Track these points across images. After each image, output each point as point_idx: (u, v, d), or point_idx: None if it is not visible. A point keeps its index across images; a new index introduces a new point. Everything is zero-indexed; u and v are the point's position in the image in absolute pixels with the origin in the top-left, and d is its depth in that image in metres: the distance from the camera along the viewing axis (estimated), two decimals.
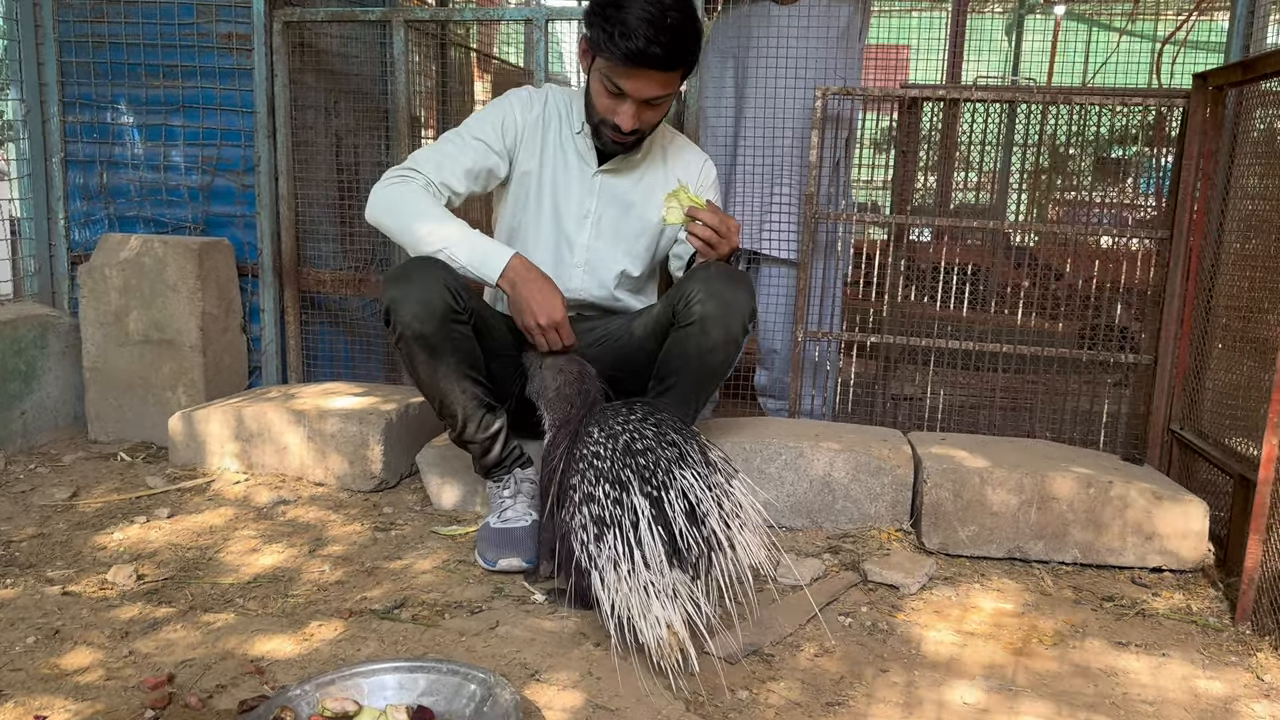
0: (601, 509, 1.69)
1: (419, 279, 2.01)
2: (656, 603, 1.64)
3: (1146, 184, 2.72)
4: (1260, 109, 2.35)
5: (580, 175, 2.33)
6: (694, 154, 2.42)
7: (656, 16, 1.98)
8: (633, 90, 2.07)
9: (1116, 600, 2.10)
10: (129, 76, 3.07)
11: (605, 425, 1.79)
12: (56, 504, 2.43)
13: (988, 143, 2.73)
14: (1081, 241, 2.74)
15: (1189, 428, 2.56)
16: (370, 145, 3.57)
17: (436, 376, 2.09)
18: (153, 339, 2.93)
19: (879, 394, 3.03)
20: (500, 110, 2.32)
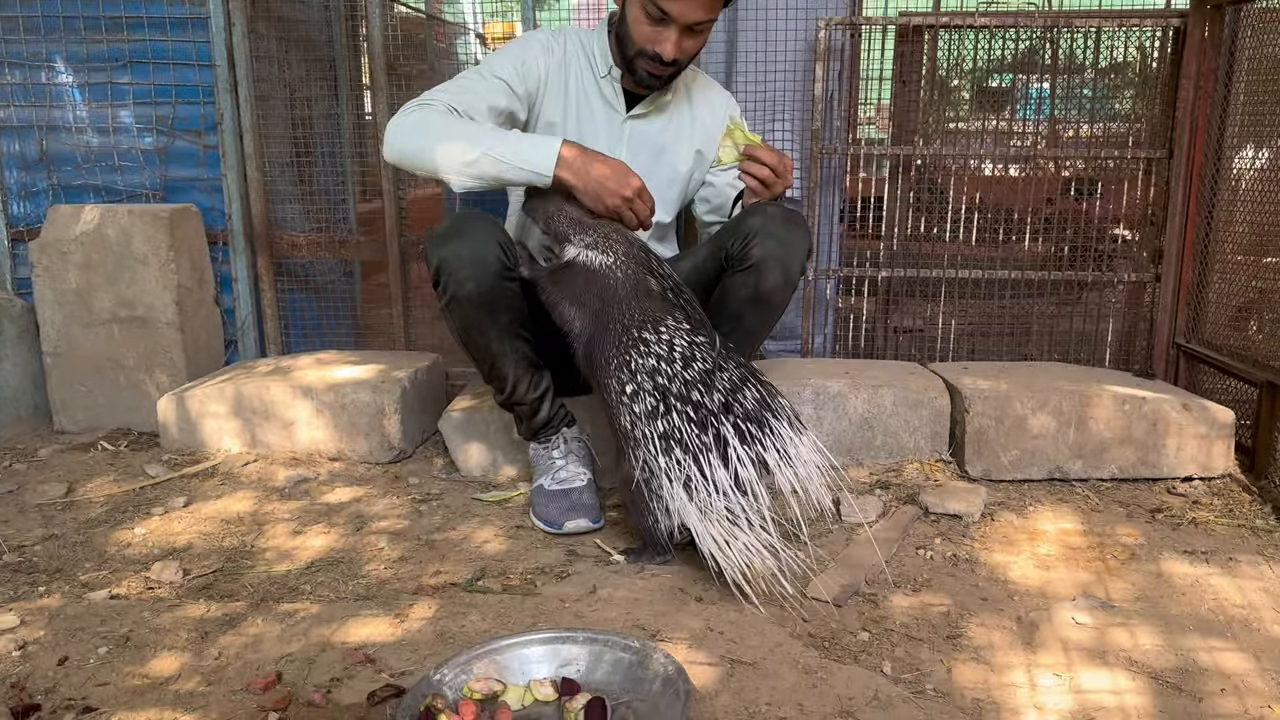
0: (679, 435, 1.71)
1: (470, 234, 1.89)
2: (740, 530, 1.66)
3: (1148, 105, 2.76)
4: (1259, 26, 2.40)
5: (608, 122, 2.22)
6: (718, 92, 2.34)
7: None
8: (679, 13, 1.95)
9: (1165, 511, 2.16)
10: (65, 31, 2.78)
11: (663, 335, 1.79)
12: (54, 502, 2.23)
13: (990, 69, 2.72)
14: (1084, 162, 2.78)
15: (1195, 340, 2.65)
16: (321, 97, 3.36)
17: (489, 338, 1.98)
18: (122, 317, 2.70)
19: (879, 327, 3.03)
20: (521, 52, 2.17)
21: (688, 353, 1.76)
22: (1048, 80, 2.79)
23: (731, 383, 1.74)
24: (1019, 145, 2.90)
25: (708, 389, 1.72)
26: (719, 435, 1.69)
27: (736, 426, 1.70)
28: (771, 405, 1.73)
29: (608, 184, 1.89)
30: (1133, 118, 2.78)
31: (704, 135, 2.26)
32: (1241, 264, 2.52)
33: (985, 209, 2.83)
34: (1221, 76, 2.52)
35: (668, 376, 1.75)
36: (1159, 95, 2.68)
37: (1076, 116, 2.83)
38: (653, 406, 1.74)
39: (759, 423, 1.71)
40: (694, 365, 1.75)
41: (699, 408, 1.71)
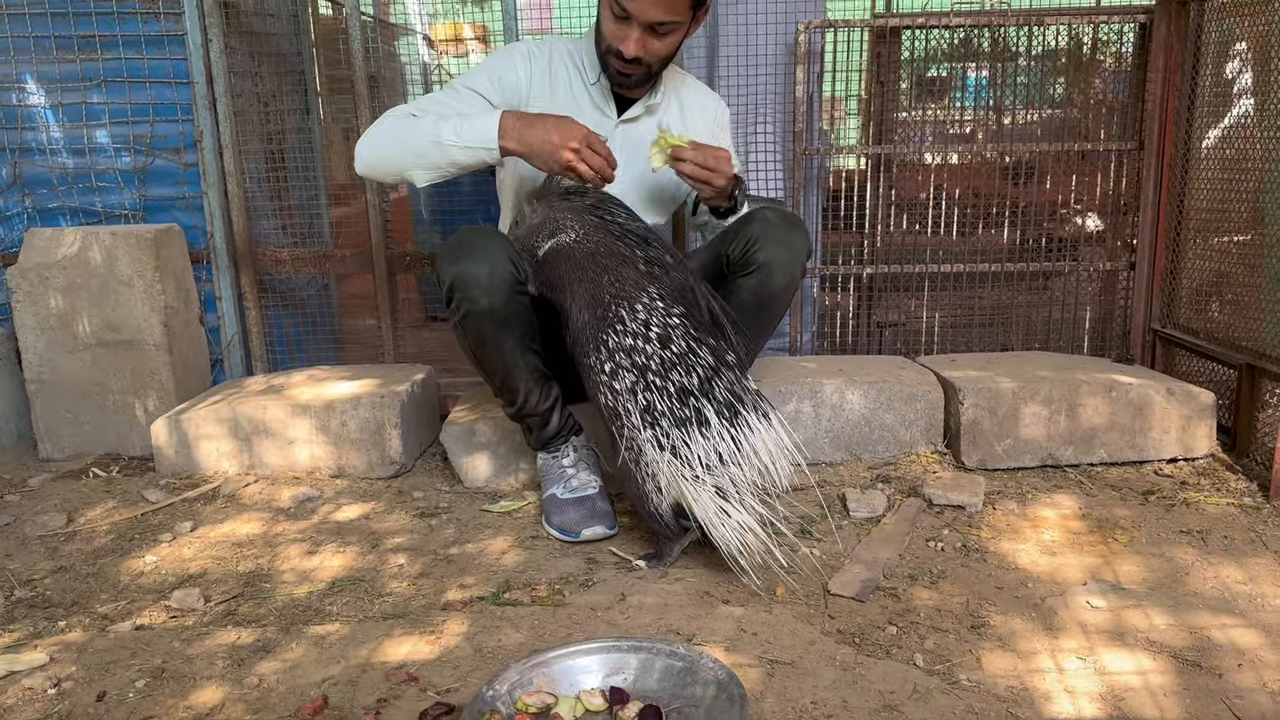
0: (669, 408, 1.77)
1: (481, 250, 1.91)
2: (732, 507, 1.74)
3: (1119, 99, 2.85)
4: (1228, 19, 2.49)
5: (599, 126, 2.23)
6: (707, 96, 2.37)
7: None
8: (636, 11, 1.97)
9: (1157, 493, 2.24)
10: (36, 51, 2.73)
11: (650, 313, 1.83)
12: (56, 533, 2.19)
13: (968, 64, 2.79)
14: (1057, 156, 2.86)
15: (1170, 325, 2.74)
16: (294, 109, 3.33)
17: (502, 352, 2.00)
18: (108, 341, 2.66)
19: (862, 322, 3.09)
20: (497, 64, 2.20)
21: (664, 332, 1.81)
22: (1021, 75, 2.86)
23: (707, 367, 1.78)
24: (990, 141, 2.97)
25: (686, 370, 1.78)
26: (700, 412, 1.75)
27: (720, 404, 1.76)
28: (739, 392, 1.78)
29: (552, 139, 1.90)
30: (1103, 111, 2.87)
31: (695, 138, 2.28)
32: (1211, 249, 2.62)
33: (962, 203, 2.90)
34: (1188, 71, 2.60)
35: (645, 355, 1.80)
36: (1128, 89, 2.77)
37: (1048, 111, 2.91)
38: (632, 383, 1.79)
39: (731, 409, 1.76)
40: (671, 345, 1.80)
41: (679, 386, 1.77)
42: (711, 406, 1.74)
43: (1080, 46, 2.79)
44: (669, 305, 1.84)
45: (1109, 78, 2.87)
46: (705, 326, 1.84)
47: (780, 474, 1.76)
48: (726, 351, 1.82)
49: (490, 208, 4.33)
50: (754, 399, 1.79)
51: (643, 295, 1.84)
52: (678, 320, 1.82)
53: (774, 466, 1.75)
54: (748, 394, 1.78)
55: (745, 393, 1.78)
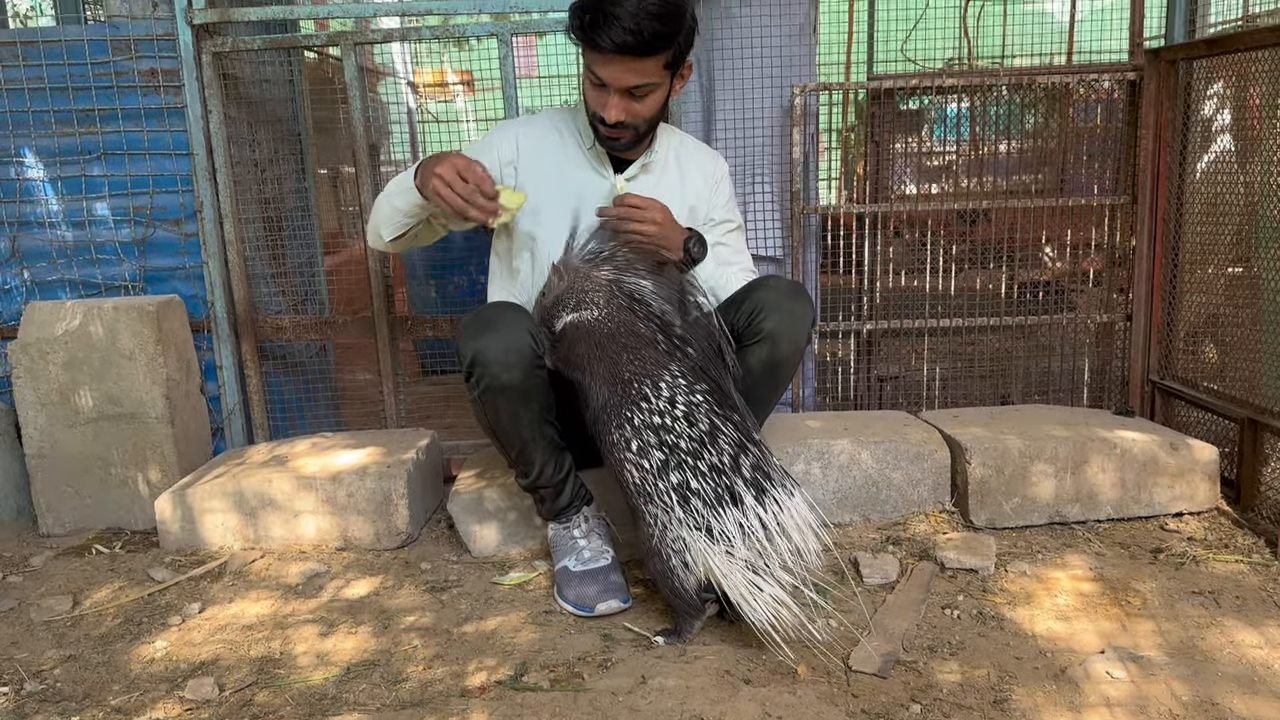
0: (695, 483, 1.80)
1: (501, 325, 1.93)
2: (765, 582, 1.75)
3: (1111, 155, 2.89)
4: (1217, 78, 2.54)
5: (597, 188, 2.26)
6: (705, 153, 2.40)
7: (630, 5, 1.92)
8: (610, 79, 2.01)
9: (1165, 551, 2.26)
10: (35, 125, 2.73)
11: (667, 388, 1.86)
12: (62, 617, 2.16)
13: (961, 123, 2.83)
14: (1052, 211, 2.90)
15: (1169, 377, 2.76)
16: (289, 174, 3.34)
17: (520, 425, 2.00)
18: (109, 414, 2.64)
19: (862, 376, 3.11)
20: (488, 139, 2.29)
21: (689, 410, 1.83)
22: (1015, 136, 2.91)
23: (735, 443, 1.81)
24: (985, 199, 3.01)
25: (716, 449, 1.80)
26: (731, 490, 1.78)
27: (746, 483, 1.78)
28: (765, 469, 1.81)
29: (431, 169, 1.94)
30: (1095, 166, 2.91)
31: (695, 194, 2.31)
32: (1206, 302, 2.65)
33: (959, 258, 2.93)
34: (1178, 127, 2.65)
35: (675, 434, 1.82)
36: (1120, 145, 2.81)
37: (1041, 170, 2.95)
38: (662, 460, 1.81)
39: (758, 486, 1.79)
40: (698, 424, 1.82)
41: (710, 464, 1.79)
42: (741, 483, 1.76)
43: (1071, 104, 2.83)
44: (691, 383, 1.85)
45: (1100, 134, 2.91)
46: (728, 403, 1.86)
47: (810, 549, 1.78)
48: (752, 429, 1.83)
49: (484, 259, 4.37)
50: (780, 475, 1.80)
51: (664, 374, 1.86)
52: (701, 398, 1.83)
53: (803, 542, 1.76)
54: (774, 470, 1.79)
55: (771, 469, 1.79)
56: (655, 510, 1.82)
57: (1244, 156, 2.51)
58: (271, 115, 3.19)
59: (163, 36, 2.70)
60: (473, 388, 1.97)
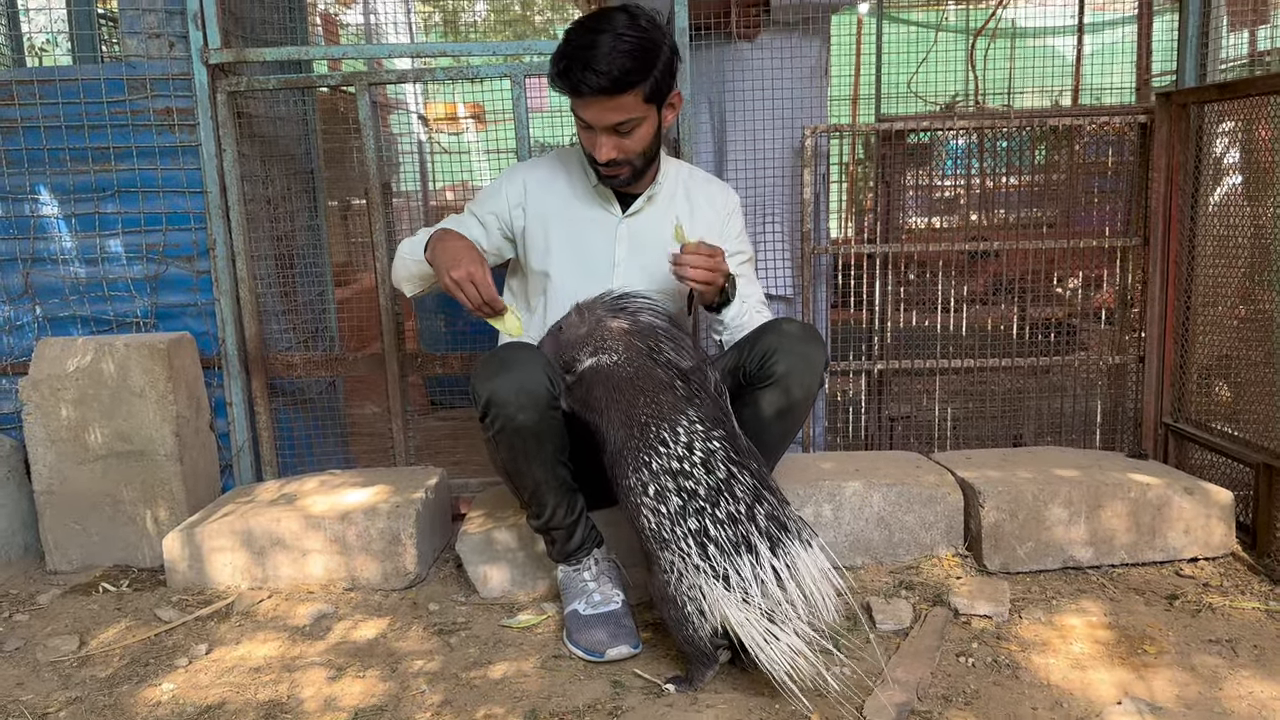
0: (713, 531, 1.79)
1: (518, 366, 1.93)
2: (782, 630, 1.73)
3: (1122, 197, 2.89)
4: (1228, 121, 2.55)
5: (605, 224, 2.29)
6: (715, 185, 2.42)
7: (588, 44, 1.98)
8: (592, 119, 2.06)
9: (1181, 597, 2.23)
10: (50, 162, 2.75)
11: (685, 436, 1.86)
12: (67, 658, 2.15)
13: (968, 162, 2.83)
14: (1064, 253, 2.90)
15: (1183, 420, 2.75)
16: (301, 210, 3.36)
17: (534, 466, 2.00)
18: (119, 452, 2.64)
19: (873, 416, 3.10)
20: (496, 185, 2.35)
21: (706, 456, 1.83)
22: (1025, 173, 2.92)
23: (751, 491, 1.80)
24: (995, 239, 3.01)
25: (732, 497, 1.79)
26: (748, 539, 1.76)
27: (761, 533, 1.77)
28: (781, 518, 1.79)
29: (442, 263, 2.04)
30: (1108, 209, 2.92)
31: (705, 225, 2.32)
32: (1219, 343, 2.64)
33: (970, 298, 2.93)
34: (1190, 170, 2.65)
35: (694, 480, 1.81)
36: (1132, 187, 2.81)
37: (1050, 207, 2.96)
38: (680, 506, 1.80)
39: (773, 537, 1.77)
40: (715, 471, 1.81)
41: (728, 513, 1.78)
42: (757, 533, 1.75)
43: (1079, 142, 2.84)
44: (709, 429, 1.85)
45: (1111, 176, 2.92)
46: (745, 450, 1.85)
47: (827, 601, 1.76)
48: (767, 476, 1.83)
49: None
50: (797, 525, 1.79)
51: (682, 418, 1.86)
52: (718, 444, 1.83)
53: (818, 591, 1.75)
54: (790, 520, 1.78)
55: (788, 519, 1.78)
56: (671, 557, 1.81)
57: (1255, 196, 2.51)
58: (284, 152, 3.21)
59: (178, 76, 2.72)
60: (488, 428, 1.97)
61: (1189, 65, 2.68)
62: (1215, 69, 2.67)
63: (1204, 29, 2.65)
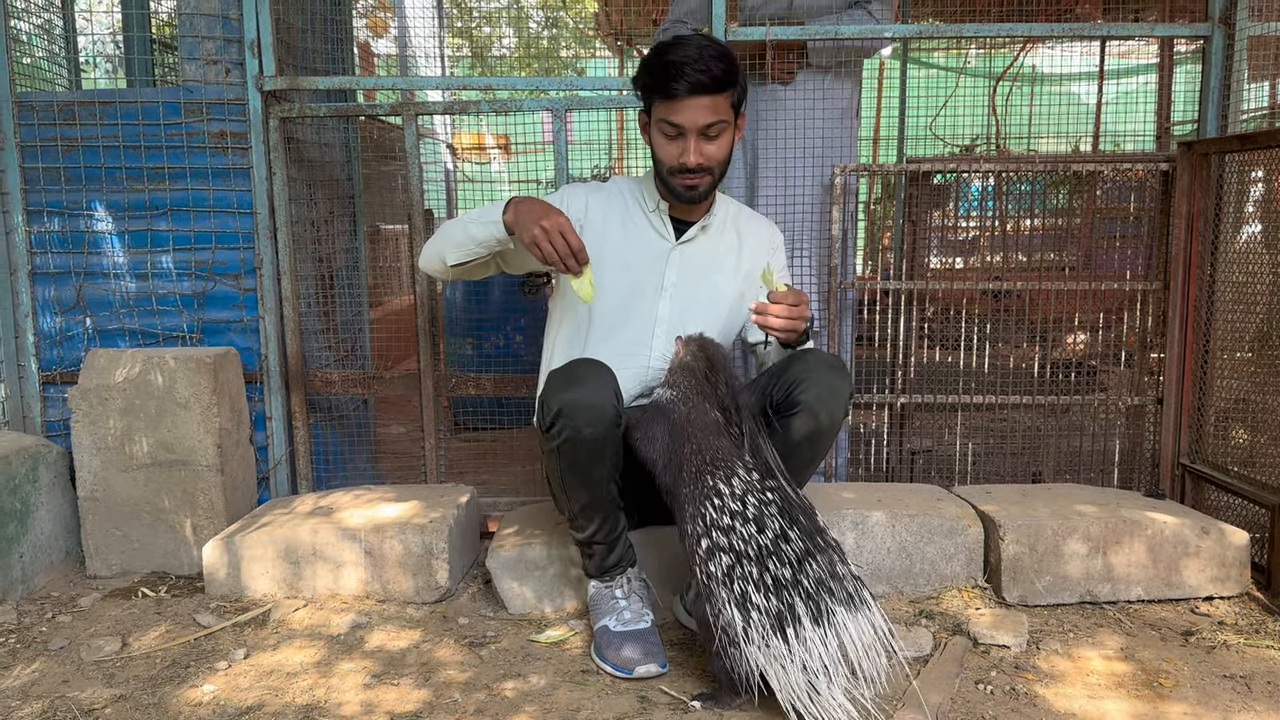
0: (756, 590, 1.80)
1: (591, 381, 2.02)
2: (823, 682, 1.74)
3: (1144, 242, 2.97)
4: (1250, 170, 2.62)
5: (658, 250, 2.37)
6: (762, 223, 2.52)
7: (695, 52, 2.13)
8: (688, 121, 2.17)
9: (1196, 634, 2.27)
10: (107, 181, 2.86)
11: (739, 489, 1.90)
12: (110, 658, 2.22)
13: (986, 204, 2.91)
14: (1085, 295, 2.97)
15: (1200, 461, 2.80)
16: (342, 232, 3.47)
17: (590, 481, 2.08)
18: (162, 461, 2.72)
19: (894, 448, 3.16)
20: (561, 195, 2.42)
21: (759, 513, 1.86)
22: (1047, 215, 2.99)
23: (798, 552, 1.83)
24: (1018, 279, 3.09)
25: (780, 561, 1.81)
26: (793, 609, 1.77)
27: (806, 597, 1.78)
28: (831, 585, 1.80)
29: (534, 213, 2.07)
30: (1130, 253, 2.99)
31: (751, 259, 2.43)
32: (1238, 388, 2.70)
33: (993, 337, 3.00)
34: (1210, 217, 2.72)
35: (743, 539, 1.84)
36: (1152, 232, 2.88)
37: (1070, 249, 3.03)
38: (729, 566, 1.83)
39: (820, 602, 1.78)
40: (766, 530, 1.84)
41: (774, 578, 1.80)
42: (801, 600, 1.77)
43: (1100, 186, 2.91)
44: (763, 479, 1.91)
45: (1132, 221, 2.99)
46: (796, 505, 1.89)
47: (877, 669, 1.77)
48: (818, 534, 1.86)
49: (521, 318, 4.48)
50: (852, 585, 1.82)
51: (739, 466, 1.92)
52: (771, 496, 1.88)
53: (867, 658, 1.76)
54: (842, 580, 1.81)
55: (840, 579, 1.81)
56: (718, 606, 1.82)
57: (1273, 244, 2.58)
58: (328, 176, 3.32)
59: (233, 101, 2.84)
60: (553, 438, 2.04)
61: (1211, 115, 2.76)
62: (1237, 119, 2.74)
63: (1226, 80, 2.74)
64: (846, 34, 2.79)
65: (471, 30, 7.57)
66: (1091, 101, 5.55)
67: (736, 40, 2.79)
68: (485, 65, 7.76)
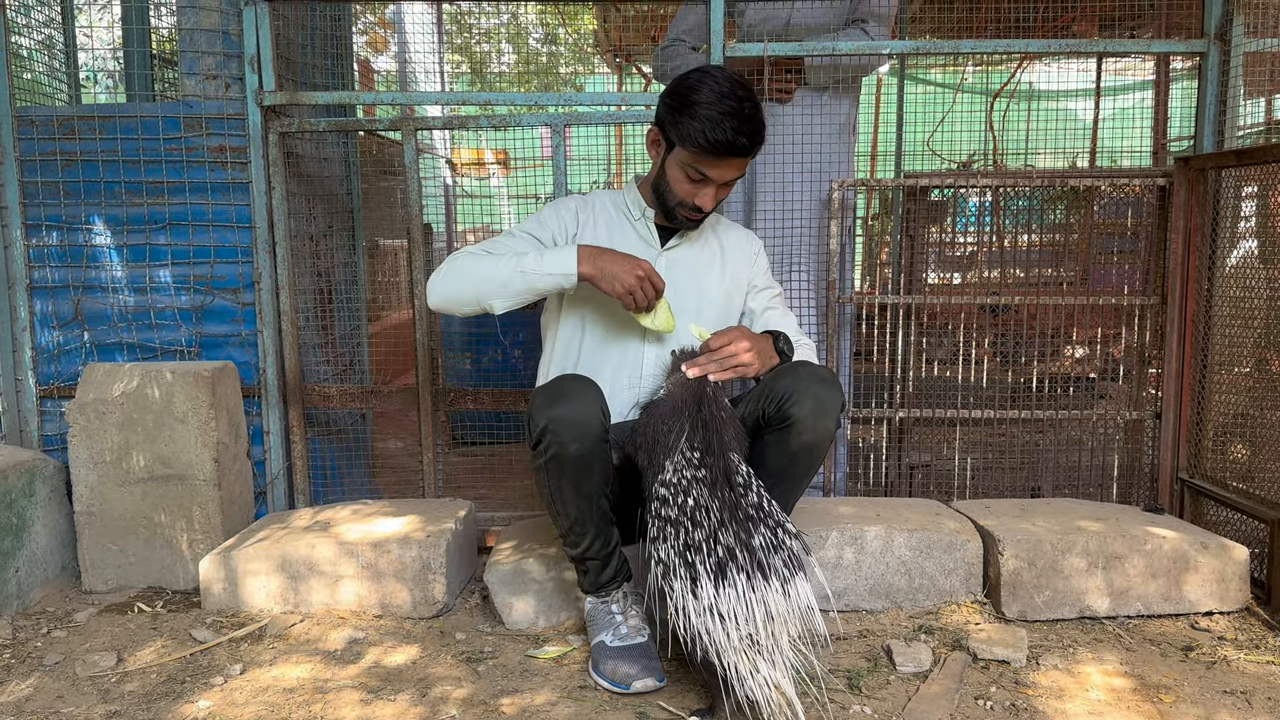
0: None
1: (576, 397, 2.02)
2: (764, 662, 1.80)
3: (1141, 257, 2.97)
4: (1246, 185, 2.63)
5: (644, 254, 2.40)
6: (740, 231, 2.57)
7: (735, 109, 2.13)
8: (717, 176, 2.22)
9: (1196, 649, 2.27)
10: (105, 195, 2.87)
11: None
12: (105, 674, 2.21)
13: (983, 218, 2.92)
14: (1083, 309, 2.97)
15: (1198, 475, 2.80)
16: (340, 247, 3.47)
17: (579, 496, 2.08)
18: (159, 475, 2.72)
19: (893, 463, 3.15)
20: (549, 211, 2.44)
21: (688, 485, 1.94)
22: (1044, 230, 3.00)
23: (713, 524, 1.89)
24: (1017, 294, 3.09)
25: (694, 524, 1.89)
26: (697, 570, 1.85)
27: (711, 567, 1.85)
28: (736, 557, 1.85)
29: (624, 265, 2.15)
30: (1127, 268, 2.99)
31: (735, 266, 2.48)
32: (1235, 402, 2.70)
33: (991, 350, 3.00)
34: (1207, 232, 2.73)
35: (672, 508, 1.93)
36: (1150, 247, 2.89)
37: (1067, 264, 3.04)
38: (656, 531, 1.94)
39: (725, 567, 1.84)
40: (689, 497, 1.93)
41: (688, 543, 1.88)
42: (709, 566, 1.84)
43: (1101, 206, 2.92)
44: (703, 457, 1.97)
45: (1130, 236, 3.00)
46: (730, 485, 1.94)
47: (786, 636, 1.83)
48: (742, 510, 1.91)
49: (519, 333, 4.48)
50: (763, 555, 1.86)
51: (682, 444, 1.99)
52: (705, 473, 1.94)
53: (785, 625, 1.82)
54: (751, 552, 1.85)
55: (752, 550, 1.85)
56: (672, 581, 1.88)
57: (1270, 259, 2.58)
58: (327, 191, 3.33)
59: (233, 116, 2.84)
60: (540, 454, 2.04)
61: (1207, 131, 2.77)
62: (1233, 135, 2.76)
63: (1222, 96, 2.75)
64: (844, 50, 2.81)
65: (470, 47, 7.60)
66: (1088, 118, 5.58)
67: (735, 57, 2.81)
68: (484, 81, 7.78)
